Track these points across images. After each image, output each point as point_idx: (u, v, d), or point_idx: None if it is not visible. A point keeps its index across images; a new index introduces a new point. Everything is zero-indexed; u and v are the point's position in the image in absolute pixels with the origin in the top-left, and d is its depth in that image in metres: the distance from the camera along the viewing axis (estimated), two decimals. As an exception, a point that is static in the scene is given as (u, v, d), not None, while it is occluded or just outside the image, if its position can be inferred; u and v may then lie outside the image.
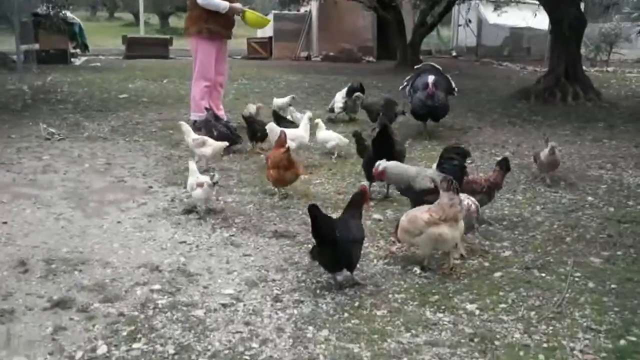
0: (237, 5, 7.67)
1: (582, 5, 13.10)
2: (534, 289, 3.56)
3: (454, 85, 8.08)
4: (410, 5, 19.70)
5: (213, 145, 6.14)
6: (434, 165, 4.62)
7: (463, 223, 3.70)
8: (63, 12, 16.57)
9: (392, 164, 4.59)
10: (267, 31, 23.95)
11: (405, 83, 8.15)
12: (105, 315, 3.21)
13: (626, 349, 2.96)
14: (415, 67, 8.46)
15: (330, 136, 6.69)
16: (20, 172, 5.94)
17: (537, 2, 17.50)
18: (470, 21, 24.25)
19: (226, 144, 6.29)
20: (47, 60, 16.23)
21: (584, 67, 12.31)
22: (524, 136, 8.04)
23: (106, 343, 2.93)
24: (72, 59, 18.00)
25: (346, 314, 3.26)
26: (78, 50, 19.54)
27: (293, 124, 6.92)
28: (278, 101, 8.56)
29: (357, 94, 8.39)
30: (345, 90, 8.79)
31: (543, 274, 3.76)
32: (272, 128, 6.21)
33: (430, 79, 7.55)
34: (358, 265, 3.74)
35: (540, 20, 18.22)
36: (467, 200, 3.96)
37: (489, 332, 3.08)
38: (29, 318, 3.18)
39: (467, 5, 22.17)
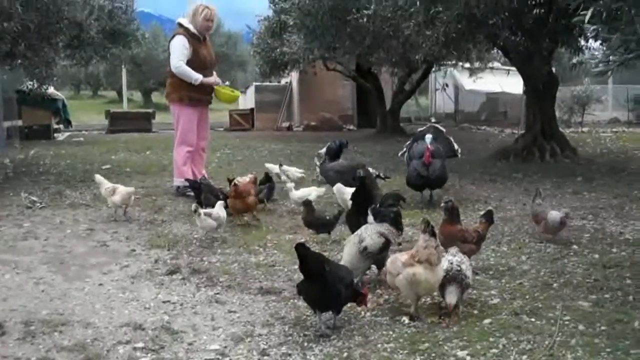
0: (211, 79, 7.73)
1: (553, 69, 13.43)
2: (525, 333, 3.49)
3: (456, 146, 7.73)
4: (388, 73, 20.09)
5: (121, 192, 6.45)
6: (370, 217, 4.58)
7: (442, 269, 3.67)
8: (46, 88, 16.71)
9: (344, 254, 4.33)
10: (248, 103, 24.33)
11: (404, 149, 7.77)
12: (86, 374, 3.10)
13: (621, 386, 2.89)
14: (419, 130, 8.08)
15: (309, 190, 6.82)
16: (0, 239, 5.85)
17: (510, 67, 18.09)
18: (447, 85, 24.79)
19: (133, 189, 6.72)
20: (30, 136, 16.30)
21: (559, 128, 12.55)
22: (505, 192, 8.09)
23: (87, 400, 2.82)
24: (55, 134, 18.08)
25: (335, 365, 3.18)
26: (61, 126, 19.67)
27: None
28: (269, 165, 8.65)
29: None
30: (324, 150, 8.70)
31: (532, 319, 3.70)
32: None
33: (429, 143, 7.13)
34: (345, 318, 3.69)
35: (515, 85, 18.65)
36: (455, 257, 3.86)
37: (482, 376, 3.01)
38: (6, 380, 3.07)
39: (443, 72, 22.66)
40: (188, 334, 3.61)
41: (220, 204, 5.83)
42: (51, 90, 18.19)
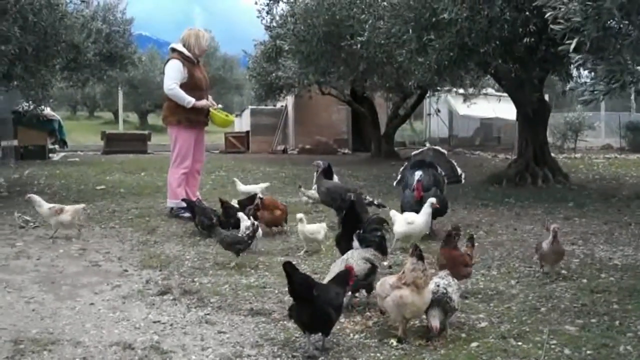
0: (204, 102, 7.78)
1: (546, 96, 13.57)
2: (511, 357, 3.51)
3: (459, 171, 7.36)
4: (383, 98, 20.23)
5: (70, 211, 6.53)
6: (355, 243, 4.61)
7: (429, 292, 3.71)
8: (42, 109, 16.79)
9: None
10: (244, 126, 24.43)
11: (399, 176, 7.46)
12: (75, 392, 3.10)
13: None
14: (413, 153, 7.69)
15: (319, 227, 6.31)
16: (-8, 258, 5.86)
17: (503, 94, 18.24)
18: (439, 110, 24.95)
19: (82, 205, 6.85)
20: (25, 156, 16.33)
21: (552, 154, 12.64)
22: (497, 217, 8.14)
23: (74, 418, 2.83)
24: (51, 155, 18.12)
25: (323, 386, 3.19)
26: (57, 146, 19.69)
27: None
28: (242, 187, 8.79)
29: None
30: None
31: (519, 343, 3.72)
32: None
33: (417, 179, 6.75)
34: (334, 340, 3.71)
35: (509, 111, 18.78)
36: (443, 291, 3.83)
37: (467, 399, 3.03)
38: (-7, 398, 3.07)
39: (437, 97, 22.82)
40: (177, 353, 3.61)
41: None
42: (47, 111, 18.29)
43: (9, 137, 15.23)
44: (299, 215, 6.19)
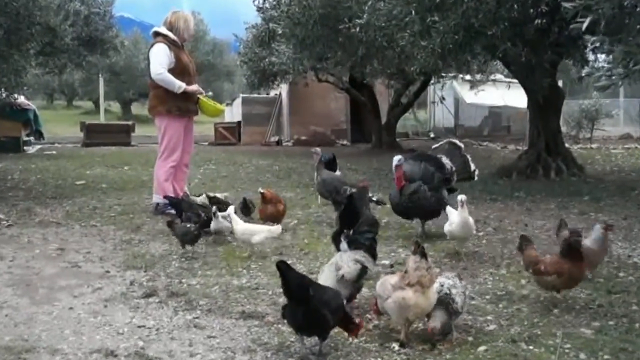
0: (194, 87, 7.78)
1: (560, 83, 13.58)
2: (522, 362, 3.53)
3: (473, 167, 7.16)
4: (384, 85, 20.20)
5: None
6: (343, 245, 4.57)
7: (435, 293, 3.71)
8: (15, 97, 16.73)
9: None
10: (235, 115, 24.38)
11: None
12: (53, 403, 3.10)
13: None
14: (433, 147, 7.63)
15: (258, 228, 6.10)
16: (-39, 259, 5.87)
17: (512, 80, 18.25)
18: (444, 98, 24.91)
19: None
20: (-2, 149, 16.29)
21: (566, 145, 12.65)
22: (506, 212, 8.15)
23: None
24: (25, 147, 18.07)
25: (320, 395, 3.20)
26: (32, 138, 19.60)
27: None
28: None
29: None
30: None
31: (531, 347, 3.73)
32: None
33: (396, 164, 6.49)
34: (332, 344, 3.71)
35: (519, 99, 18.79)
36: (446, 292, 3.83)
37: (475, 407, 3.04)
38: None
39: (442, 84, 22.79)
40: (164, 360, 3.62)
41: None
42: (21, 99, 18.24)
43: (-19, 129, 15.21)
44: (229, 209, 6.10)
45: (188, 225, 6.01)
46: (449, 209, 6.01)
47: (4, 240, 6.61)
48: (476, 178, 7.41)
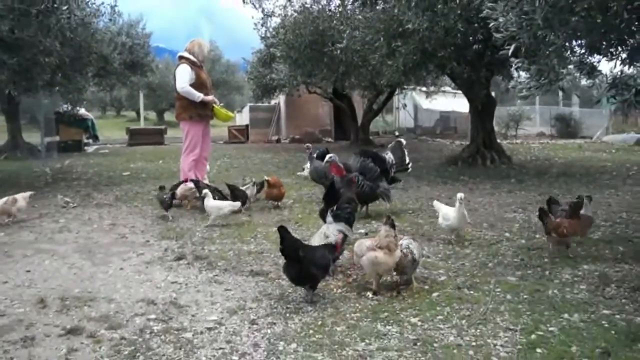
0: (209, 98, 7.73)
1: (492, 93, 13.58)
2: (464, 303, 3.57)
3: (407, 160, 6.80)
4: (360, 95, 20.16)
5: (23, 197, 6.32)
6: (329, 218, 4.48)
7: (398, 254, 3.74)
8: (78, 109, 16.73)
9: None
10: (244, 120, 24.28)
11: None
12: (110, 339, 3.12)
13: (535, 341, 3.00)
14: (389, 145, 7.11)
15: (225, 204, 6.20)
16: (40, 233, 5.86)
17: (457, 91, 18.28)
18: (405, 105, 24.93)
19: (30, 192, 6.63)
20: (65, 149, 16.22)
21: (498, 140, 12.69)
22: (454, 191, 8.00)
23: (109, 360, 2.85)
24: (85, 148, 17.98)
25: (311, 331, 3.21)
26: (90, 141, 19.56)
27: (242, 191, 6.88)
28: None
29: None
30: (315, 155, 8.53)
31: (471, 292, 3.78)
32: None
33: (327, 157, 6.17)
34: (320, 294, 3.74)
35: (463, 105, 18.81)
36: (406, 248, 3.84)
37: (429, 337, 3.07)
38: (46, 343, 3.11)
39: (404, 94, 22.79)
40: (192, 307, 3.63)
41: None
42: (82, 111, 18.23)
43: (53, 134, 15.13)
44: (205, 191, 6.20)
45: (164, 196, 6.58)
46: (436, 203, 5.37)
47: (71, 218, 6.62)
48: (410, 170, 6.96)
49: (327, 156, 6.28)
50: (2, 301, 3.78)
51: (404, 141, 7.07)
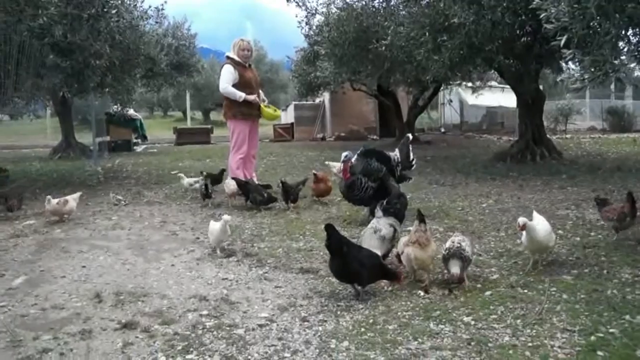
0: (252, 97, 7.76)
1: (541, 87, 13.22)
2: (519, 302, 3.48)
3: (412, 156, 6.41)
4: (405, 91, 19.98)
5: (73, 198, 6.46)
6: (379, 212, 4.46)
7: (433, 248, 3.77)
8: (127, 110, 17.16)
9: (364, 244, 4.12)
10: (289, 118, 24.42)
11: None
12: (164, 334, 3.17)
13: (595, 343, 2.89)
14: (401, 142, 6.74)
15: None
16: (95, 229, 6.02)
17: (505, 85, 17.87)
18: (451, 101, 24.59)
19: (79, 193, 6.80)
20: (115, 149, 16.66)
21: (547, 135, 12.36)
22: (503, 188, 8.01)
23: (165, 355, 2.90)
24: (135, 147, 18.42)
25: (363, 329, 3.19)
26: (139, 140, 20.03)
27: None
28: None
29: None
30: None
31: (525, 290, 3.68)
32: None
33: (343, 159, 5.97)
34: (372, 292, 3.71)
35: (510, 100, 18.41)
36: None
37: (483, 337, 3.00)
38: (103, 336, 3.18)
39: (450, 90, 22.47)
40: (243, 304, 3.66)
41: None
42: (131, 111, 18.69)
43: (103, 134, 15.56)
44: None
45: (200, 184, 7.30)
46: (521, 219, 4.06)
47: (123, 215, 6.77)
48: (414, 167, 6.52)
49: (343, 154, 6.03)
50: (61, 295, 3.90)
51: (410, 136, 6.93)
